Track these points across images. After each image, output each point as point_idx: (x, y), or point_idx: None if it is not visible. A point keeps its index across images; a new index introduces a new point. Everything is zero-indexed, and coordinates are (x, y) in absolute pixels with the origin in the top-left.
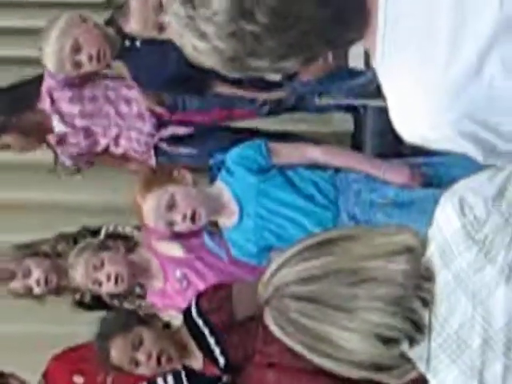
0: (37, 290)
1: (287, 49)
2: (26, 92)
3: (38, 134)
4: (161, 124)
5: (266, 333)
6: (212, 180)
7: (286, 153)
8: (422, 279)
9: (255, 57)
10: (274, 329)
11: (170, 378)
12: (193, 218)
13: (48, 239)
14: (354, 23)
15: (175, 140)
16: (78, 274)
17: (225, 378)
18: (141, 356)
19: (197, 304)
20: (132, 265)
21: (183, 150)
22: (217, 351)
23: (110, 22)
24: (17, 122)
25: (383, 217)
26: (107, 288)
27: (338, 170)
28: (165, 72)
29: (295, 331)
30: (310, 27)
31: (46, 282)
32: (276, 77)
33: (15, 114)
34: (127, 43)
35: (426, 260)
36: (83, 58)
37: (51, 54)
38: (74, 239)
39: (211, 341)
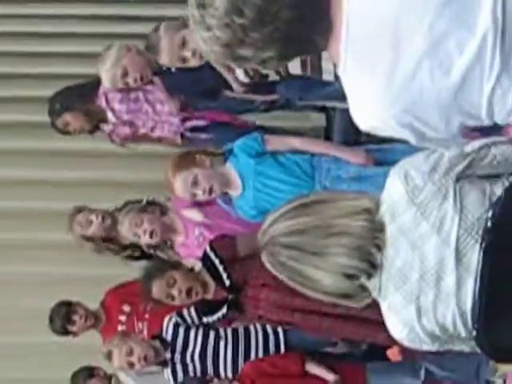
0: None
1: (266, 41)
2: (88, 88)
3: (93, 120)
4: (184, 119)
5: (261, 264)
6: (224, 161)
7: (276, 142)
8: (376, 231)
9: (242, 45)
10: (268, 266)
11: (192, 310)
12: (210, 192)
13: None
14: (318, 27)
15: (196, 129)
16: (124, 228)
17: (230, 297)
18: (174, 292)
19: (210, 244)
20: (163, 224)
21: (202, 136)
22: (224, 275)
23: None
24: (80, 107)
25: (347, 188)
26: (144, 240)
27: (313, 154)
28: (192, 86)
29: (284, 270)
30: (283, 25)
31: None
32: (275, 77)
33: (79, 101)
34: (164, 67)
35: (379, 216)
36: (130, 80)
37: (106, 78)
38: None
39: (220, 268)
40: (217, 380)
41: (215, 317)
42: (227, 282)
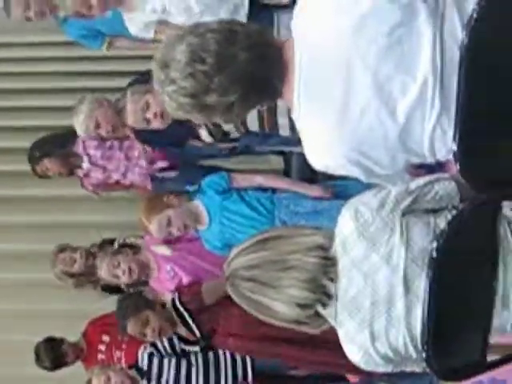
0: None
1: (228, 84)
2: (65, 136)
3: (70, 166)
4: (151, 162)
5: (226, 313)
6: (190, 199)
7: (241, 180)
8: (328, 265)
9: (207, 93)
10: (232, 296)
11: (165, 341)
12: (184, 228)
13: (93, 244)
14: (274, 68)
15: (164, 169)
16: (103, 272)
17: (201, 343)
18: (148, 330)
19: (179, 298)
20: (138, 261)
21: (171, 174)
22: (194, 327)
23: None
24: (59, 153)
25: (305, 222)
26: (124, 279)
27: (274, 191)
28: (160, 139)
29: (244, 300)
30: (241, 65)
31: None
32: (236, 134)
33: (58, 148)
34: None
35: (332, 251)
36: (103, 132)
37: (80, 129)
38: (101, 246)
39: (189, 321)
40: None
41: (190, 349)
42: (197, 333)
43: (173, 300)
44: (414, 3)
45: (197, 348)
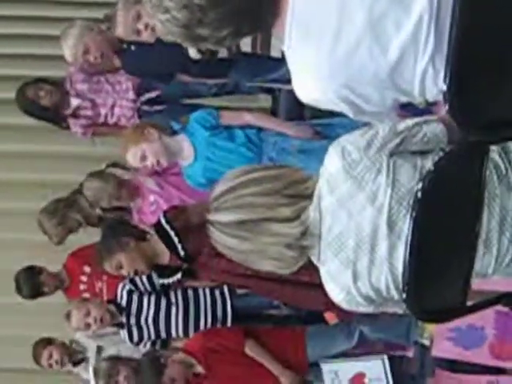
0: None
1: (222, 20)
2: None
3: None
4: (138, 94)
5: None
6: (172, 134)
7: (230, 117)
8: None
9: (201, 25)
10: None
11: (144, 277)
12: (157, 164)
13: None
14: (268, 5)
15: (151, 102)
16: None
17: (184, 266)
18: (122, 272)
19: (164, 216)
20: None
21: (157, 107)
22: (179, 246)
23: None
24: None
25: (292, 159)
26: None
27: (261, 129)
28: (147, 67)
29: (227, 251)
30: (237, 3)
31: None
32: (224, 53)
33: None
34: (125, 46)
35: (317, 187)
36: (91, 58)
37: (69, 54)
38: None
39: (175, 240)
40: (169, 358)
41: (170, 280)
42: (182, 253)
43: (157, 220)
44: None
45: (178, 276)
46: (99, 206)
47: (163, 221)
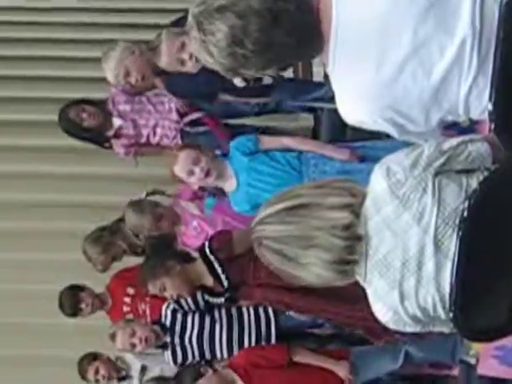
0: None
1: (267, 63)
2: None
3: (104, 119)
4: (182, 115)
5: (255, 263)
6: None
7: (269, 142)
8: (355, 244)
9: (244, 68)
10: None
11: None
12: (206, 173)
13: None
14: (313, 46)
15: (194, 124)
16: None
17: (227, 295)
18: (166, 295)
19: (209, 244)
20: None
21: (200, 129)
22: (222, 277)
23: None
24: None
25: None
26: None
27: (301, 152)
28: (190, 88)
29: (272, 267)
30: (283, 51)
31: None
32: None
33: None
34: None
35: (364, 208)
36: (132, 80)
37: (110, 76)
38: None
39: (219, 270)
40: (210, 370)
41: (214, 300)
42: (225, 283)
43: (203, 246)
44: None
45: (221, 299)
46: (141, 234)
47: (208, 251)
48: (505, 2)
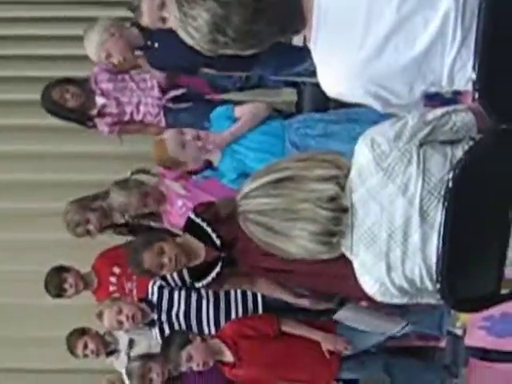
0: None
1: (248, 48)
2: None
3: (86, 98)
4: (164, 92)
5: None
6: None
7: (242, 110)
8: (341, 216)
9: (225, 49)
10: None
11: (174, 273)
12: (198, 138)
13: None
14: (295, 29)
15: (176, 100)
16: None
17: (222, 254)
18: (165, 259)
19: (194, 211)
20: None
21: (183, 105)
22: (213, 235)
23: (135, 23)
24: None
25: (315, 144)
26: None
27: (285, 118)
28: (171, 61)
29: (257, 239)
30: (265, 37)
31: None
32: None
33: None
34: (149, 43)
35: (349, 180)
36: (114, 60)
37: (92, 56)
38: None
39: (208, 229)
40: (198, 338)
41: (209, 278)
42: (218, 241)
43: (188, 217)
44: None
45: (217, 269)
46: (127, 214)
47: (193, 215)
48: None
